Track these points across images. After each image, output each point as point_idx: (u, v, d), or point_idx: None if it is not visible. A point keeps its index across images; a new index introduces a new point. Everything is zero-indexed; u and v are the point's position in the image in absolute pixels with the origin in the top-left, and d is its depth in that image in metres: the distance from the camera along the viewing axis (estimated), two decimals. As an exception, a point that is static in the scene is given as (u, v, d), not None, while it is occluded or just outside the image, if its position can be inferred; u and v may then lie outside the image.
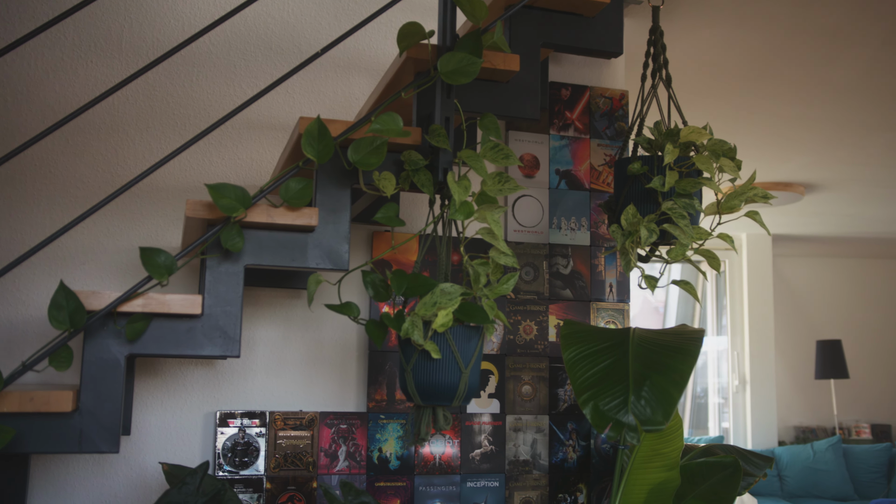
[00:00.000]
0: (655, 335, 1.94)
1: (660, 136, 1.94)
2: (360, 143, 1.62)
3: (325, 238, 1.71)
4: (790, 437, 8.04)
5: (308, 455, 2.21)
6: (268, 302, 2.24)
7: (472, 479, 2.33)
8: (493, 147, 1.68)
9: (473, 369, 1.70)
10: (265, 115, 2.29)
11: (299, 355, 2.25)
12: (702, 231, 1.89)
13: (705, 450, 2.33)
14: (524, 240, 2.46)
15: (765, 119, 4.00)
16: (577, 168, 2.54)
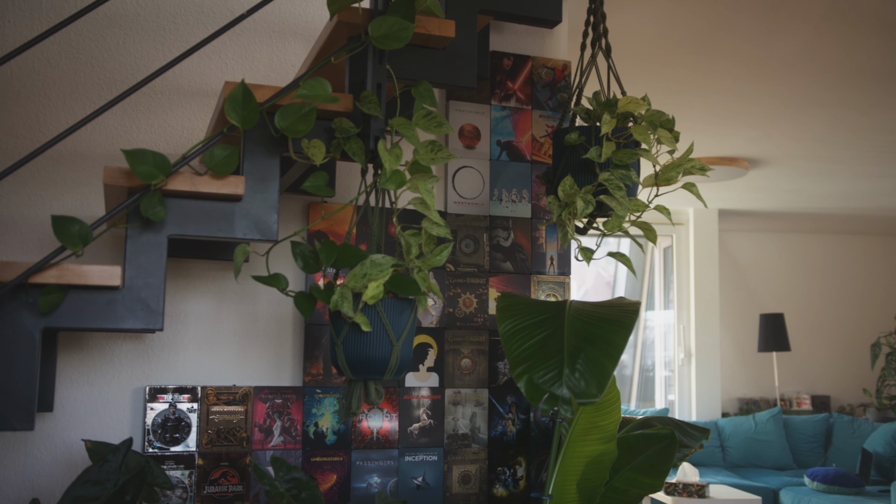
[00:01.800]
0: (592, 308, 1.93)
1: (598, 106, 1.92)
2: (288, 110, 1.57)
3: (253, 208, 1.65)
4: (734, 409, 8.20)
5: (242, 430, 2.17)
6: (200, 274, 2.18)
7: (410, 453, 2.31)
8: (426, 115, 1.64)
9: (406, 342, 1.67)
10: (196, 81, 2.21)
11: (233, 329, 2.20)
12: (639, 203, 1.87)
13: (642, 422, 2.33)
14: (464, 212, 2.43)
15: (708, 93, 4.02)
16: (518, 139, 2.51)
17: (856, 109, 4.21)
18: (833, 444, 6.73)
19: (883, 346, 7.31)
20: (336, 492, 2.23)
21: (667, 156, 2.23)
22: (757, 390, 8.31)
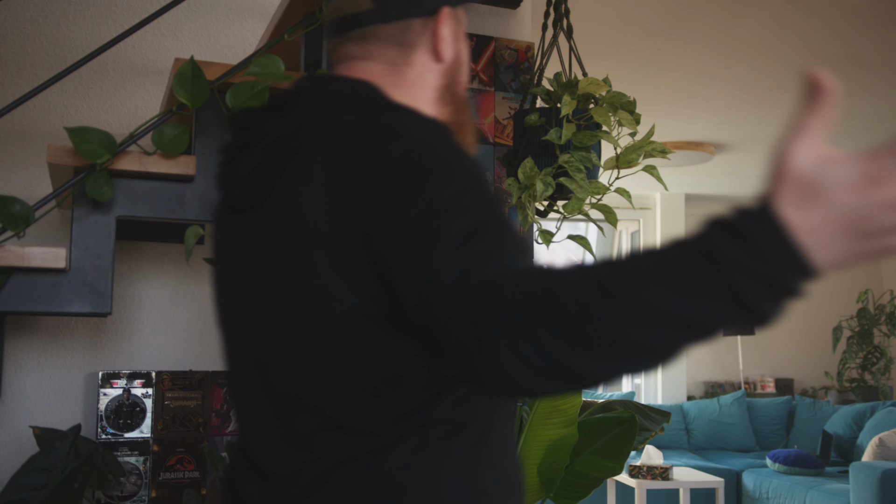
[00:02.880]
0: (551, 291, 1.91)
1: (559, 87, 1.90)
2: (240, 88, 1.53)
3: (205, 188, 1.62)
4: (699, 392, 8.29)
5: (198, 416, 2.13)
6: (156, 257, 2.14)
7: (370, 437, 2.29)
8: (382, 94, 1.61)
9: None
10: (150, 58, 2.16)
11: (190, 313, 2.16)
12: (599, 185, 1.86)
13: (603, 406, 2.33)
14: (426, 194, 2.40)
15: (674, 77, 4.02)
16: (481, 121, 2.48)
17: (819, 95, 4.24)
18: (795, 426, 6.83)
19: (844, 329, 7.41)
20: (295, 477, 2.21)
21: (628, 138, 2.22)
22: (722, 374, 8.40)
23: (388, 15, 0.99)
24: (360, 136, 0.88)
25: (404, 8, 0.99)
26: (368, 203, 0.83)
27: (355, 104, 0.94)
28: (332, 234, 0.85)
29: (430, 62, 1.03)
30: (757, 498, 5.73)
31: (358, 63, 1.01)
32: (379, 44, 1.00)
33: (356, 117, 0.91)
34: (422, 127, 0.90)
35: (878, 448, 4.78)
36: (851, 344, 7.35)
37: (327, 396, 0.89)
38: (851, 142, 5.25)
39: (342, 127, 0.91)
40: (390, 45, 1.00)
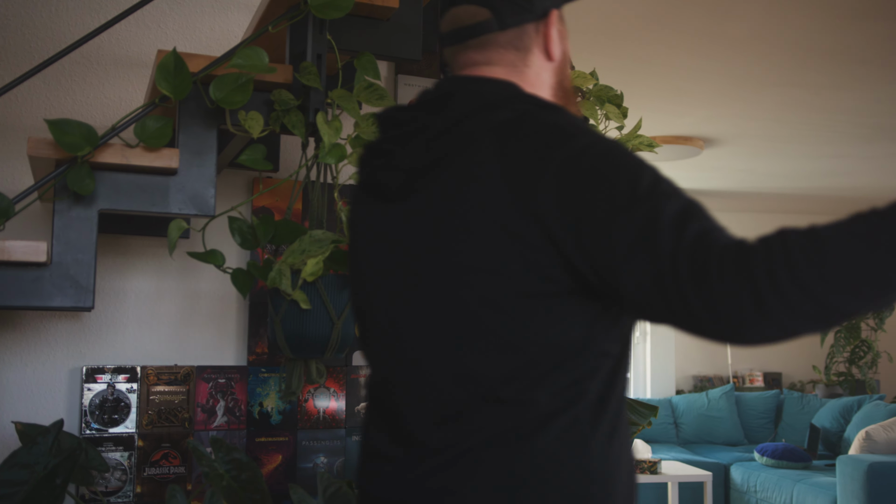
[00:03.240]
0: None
1: (545, 80, 1.89)
2: (224, 80, 1.51)
3: (189, 181, 1.60)
4: (688, 386, 8.31)
5: (184, 411, 2.12)
6: (139, 251, 2.12)
7: (357, 432, 2.28)
8: (367, 87, 1.60)
9: (347, 320, 1.63)
10: (135, 51, 2.14)
11: (174, 307, 2.14)
12: (585, 179, 1.85)
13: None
14: (413, 188, 2.39)
15: (662, 71, 4.01)
16: (468, 115, 2.47)
17: (807, 89, 4.23)
18: (783, 419, 6.85)
19: (832, 323, 7.45)
20: (282, 472, 2.20)
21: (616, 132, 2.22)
22: (711, 368, 8.42)
23: (504, 23, 1.09)
24: (531, 133, 0.98)
25: (518, 15, 1.09)
26: (560, 198, 0.93)
27: (509, 102, 1.03)
28: (513, 222, 0.95)
29: (544, 62, 1.13)
30: (745, 491, 5.75)
31: (482, 68, 1.10)
32: (499, 49, 1.10)
33: (514, 114, 1.01)
34: (581, 125, 1.00)
35: (864, 441, 4.81)
36: (839, 338, 7.38)
37: (494, 370, 0.98)
38: (840, 136, 5.26)
39: (505, 123, 1.00)
40: (509, 50, 1.10)
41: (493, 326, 0.98)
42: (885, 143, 5.41)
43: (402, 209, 1.07)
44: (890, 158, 5.87)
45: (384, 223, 1.10)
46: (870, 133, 5.13)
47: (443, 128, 1.03)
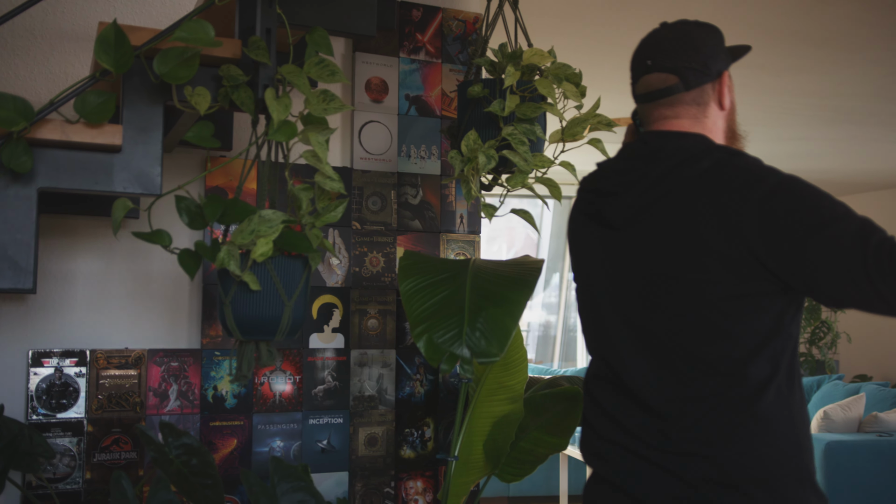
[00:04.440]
0: (495, 266, 1.88)
1: (503, 58, 1.86)
2: (168, 54, 1.46)
3: (134, 159, 1.55)
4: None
5: (135, 395, 2.07)
6: (88, 231, 2.06)
7: (314, 416, 2.25)
8: (318, 63, 1.55)
9: (298, 301, 1.60)
10: (82, 25, 2.07)
11: (125, 289, 2.09)
12: (543, 158, 1.83)
13: (550, 382, 2.32)
14: (371, 168, 2.35)
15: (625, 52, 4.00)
16: (427, 94, 2.43)
17: (769, 71, 4.25)
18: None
19: (794, 305, 7.53)
20: (237, 456, 2.16)
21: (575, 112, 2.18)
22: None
23: (689, 85, 1.46)
24: (731, 178, 1.34)
25: (699, 78, 1.46)
26: (762, 228, 1.29)
27: (707, 153, 1.39)
28: (725, 246, 1.32)
29: (718, 111, 1.50)
30: (707, 471, 5.82)
31: (671, 121, 1.48)
32: (684, 105, 1.47)
33: (712, 163, 1.37)
34: (762, 165, 1.37)
35: (822, 421, 4.87)
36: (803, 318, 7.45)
37: (714, 353, 1.34)
38: (803, 119, 5.29)
39: (708, 170, 1.37)
40: (692, 105, 1.47)
41: (714, 320, 1.34)
42: (847, 126, 5.46)
43: (627, 235, 1.44)
44: (852, 141, 5.93)
45: (611, 245, 1.47)
46: (832, 116, 5.17)
47: (660, 175, 1.40)
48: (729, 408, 1.33)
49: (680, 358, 1.37)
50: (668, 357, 1.38)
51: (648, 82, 1.49)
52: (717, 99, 1.49)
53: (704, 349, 1.35)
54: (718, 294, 1.34)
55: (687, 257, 1.36)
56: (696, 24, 1.52)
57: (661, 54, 1.48)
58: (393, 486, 2.31)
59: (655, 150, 1.43)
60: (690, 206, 1.36)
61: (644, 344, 1.41)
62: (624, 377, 1.43)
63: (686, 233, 1.36)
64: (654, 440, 1.37)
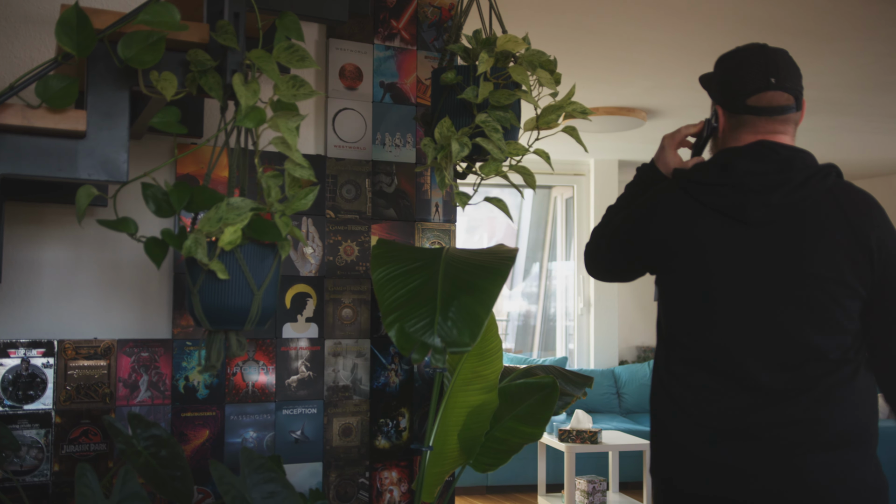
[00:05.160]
0: (468, 255, 1.87)
1: (476, 44, 1.83)
2: (133, 38, 1.43)
3: (99, 145, 1.52)
4: (633, 357, 8.41)
5: (104, 386, 2.04)
6: (55, 220, 2.02)
7: (288, 406, 2.23)
8: (287, 48, 1.53)
9: (268, 290, 1.57)
10: (47, 8, 2.03)
11: (93, 278, 2.06)
12: (517, 146, 1.81)
13: (525, 371, 2.31)
14: (345, 156, 2.32)
15: (605, 40, 3.99)
16: (402, 81, 2.41)
17: (747, 61, 4.26)
18: (722, 388, 6.98)
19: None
20: (209, 448, 2.14)
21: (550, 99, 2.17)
22: (654, 338, 8.53)
23: (798, 107, 1.75)
24: (855, 196, 1.69)
25: (800, 102, 1.75)
26: (880, 242, 1.64)
27: (827, 170, 1.70)
28: (853, 251, 1.63)
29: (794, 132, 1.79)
30: (684, 459, 5.86)
31: (780, 136, 1.74)
32: (790, 123, 1.75)
33: (835, 179, 1.70)
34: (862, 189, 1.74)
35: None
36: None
37: (830, 343, 1.63)
38: (779, 109, 5.31)
39: (834, 186, 1.68)
40: (793, 124, 1.77)
41: (835, 315, 1.63)
42: (825, 117, 5.48)
43: (762, 231, 1.65)
44: (831, 132, 5.96)
45: (743, 239, 1.67)
46: (809, 105, 5.19)
47: (798, 184, 1.65)
48: (836, 385, 1.63)
49: (798, 345, 1.63)
50: (787, 345, 1.63)
51: (773, 98, 1.72)
52: (799, 121, 1.79)
53: (824, 340, 1.62)
54: (845, 293, 1.62)
55: (824, 257, 1.62)
56: (789, 54, 1.79)
57: (781, 75, 1.71)
58: (367, 476, 2.30)
59: (789, 160, 1.68)
60: (825, 214, 1.64)
61: (765, 332, 1.64)
62: (743, 363, 1.65)
63: (823, 236, 1.63)
64: (776, 429, 1.62)
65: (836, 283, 1.62)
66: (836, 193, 1.66)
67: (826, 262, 1.62)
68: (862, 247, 1.62)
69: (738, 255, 1.66)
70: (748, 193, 1.65)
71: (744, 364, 1.64)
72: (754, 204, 1.65)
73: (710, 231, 1.68)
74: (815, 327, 1.62)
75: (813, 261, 1.62)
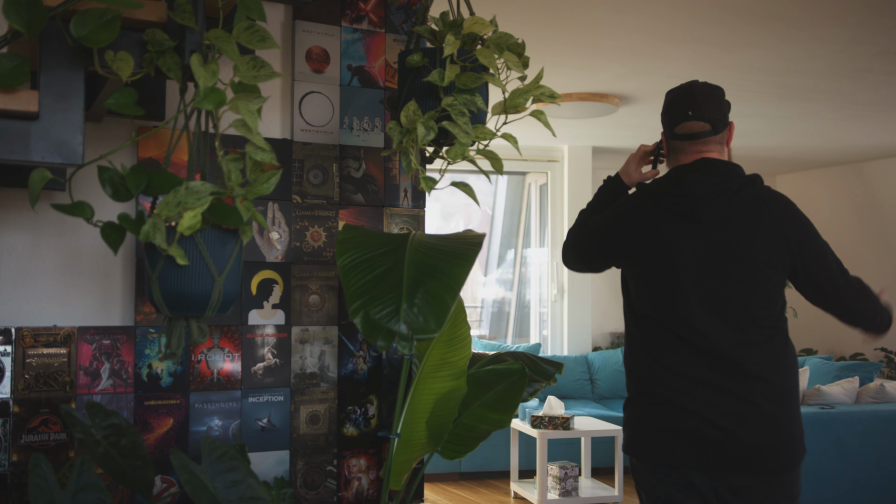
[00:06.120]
0: (435, 240, 1.84)
1: (443, 26, 1.81)
2: (87, 16, 1.39)
3: (52, 127, 1.48)
4: (606, 343, 8.44)
5: (65, 374, 2.00)
6: (12, 204, 1.97)
7: (254, 394, 2.20)
8: (247, 28, 1.49)
9: (230, 276, 1.54)
10: (3, -13, 1.97)
11: (53, 265, 2.01)
12: (484, 130, 1.79)
13: (494, 358, 2.30)
14: (312, 140, 2.29)
15: (578, 26, 3.97)
16: (371, 64, 2.37)
17: (718, 47, 4.25)
18: (694, 374, 7.03)
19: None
20: (173, 436, 2.11)
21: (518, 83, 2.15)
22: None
23: (717, 131, 2.15)
24: (779, 200, 2.12)
25: (722, 125, 2.16)
26: (798, 240, 2.07)
27: (754, 178, 2.12)
28: (779, 243, 2.06)
29: (726, 147, 2.19)
30: (656, 444, 5.89)
31: (704, 154, 2.15)
32: (713, 144, 2.16)
33: (761, 186, 2.12)
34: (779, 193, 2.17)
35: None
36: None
37: (765, 312, 2.06)
38: (752, 95, 5.32)
39: (763, 191, 2.11)
40: (719, 144, 2.17)
41: (769, 290, 2.07)
42: (796, 103, 5.51)
43: (711, 228, 2.07)
44: (800, 118, 5.99)
45: (697, 235, 2.08)
46: (781, 92, 5.21)
47: (735, 191, 2.08)
48: (776, 344, 2.07)
49: (742, 316, 2.04)
50: (733, 316, 2.04)
51: (691, 127, 2.14)
52: (728, 139, 2.20)
53: (761, 310, 2.05)
54: (772, 272, 2.06)
55: (756, 245, 2.05)
56: (717, 87, 2.18)
57: (699, 107, 2.13)
58: (336, 464, 2.28)
59: (728, 172, 2.10)
60: (755, 213, 2.07)
61: (716, 306, 2.05)
62: (695, 332, 2.04)
63: (755, 230, 2.06)
64: (723, 375, 2.03)
65: (765, 265, 2.05)
66: (762, 197, 2.10)
67: (758, 249, 2.05)
68: (782, 236, 2.06)
69: (694, 246, 2.07)
70: (699, 200, 2.07)
71: (700, 328, 2.04)
72: (703, 208, 2.07)
73: (671, 230, 2.09)
74: (753, 299, 2.05)
75: (749, 248, 2.05)
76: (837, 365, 5.91)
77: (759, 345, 2.04)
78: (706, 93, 2.15)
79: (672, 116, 2.17)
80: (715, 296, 2.05)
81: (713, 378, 2.01)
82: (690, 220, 2.07)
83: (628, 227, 2.14)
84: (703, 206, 2.06)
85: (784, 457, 2.01)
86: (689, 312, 2.05)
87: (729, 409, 2.00)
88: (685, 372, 2.03)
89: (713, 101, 2.14)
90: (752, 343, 2.03)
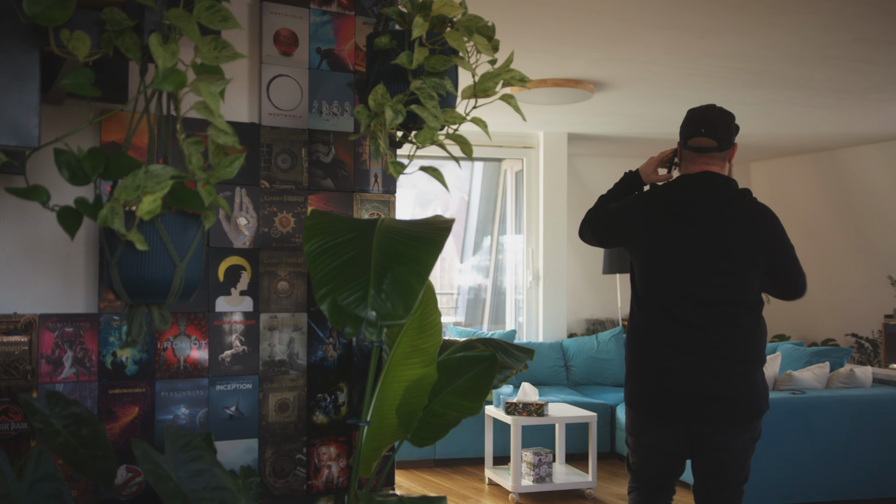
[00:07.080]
0: (404, 226, 1.82)
1: (412, 8, 1.77)
2: (41, -6, 1.34)
3: (7, 109, 1.44)
4: (581, 329, 8.47)
5: (26, 363, 1.96)
6: (-30, 189, 1.92)
7: (221, 382, 2.17)
8: (208, 7, 1.45)
9: (192, 262, 1.51)
10: (-42, -35, 1.91)
11: (12, 251, 1.96)
12: (454, 114, 1.76)
13: (465, 345, 2.28)
14: (280, 124, 2.25)
15: (552, 11, 3.94)
16: (340, 47, 2.34)
17: (692, 33, 4.24)
18: (668, 360, 7.06)
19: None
20: (139, 425, 2.07)
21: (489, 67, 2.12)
22: (603, 311, 8.60)
23: (723, 148, 2.67)
24: (765, 212, 2.67)
25: (727, 144, 2.67)
26: (773, 242, 2.64)
27: (746, 192, 2.68)
28: (763, 245, 2.63)
29: (727, 164, 2.70)
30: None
31: (711, 166, 2.68)
32: (717, 159, 2.68)
33: (751, 199, 2.68)
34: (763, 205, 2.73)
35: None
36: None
37: (747, 298, 2.63)
38: (726, 82, 5.32)
39: (751, 203, 2.67)
40: (721, 160, 2.69)
41: (751, 282, 2.61)
42: (768, 90, 5.52)
43: (705, 231, 2.61)
44: (774, 105, 6.01)
45: (693, 236, 2.62)
46: (754, 79, 5.22)
47: (727, 202, 2.62)
48: (751, 321, 2.63)
49: (724, 303, 2.60)
50: (716, 303, 2.60)
51: (700, 142, 2.66)
52: (731, 156, 2.72)
53: (742, 297, 2.61)
54: (752, 268, 2.60)
55: (741, 246, 2.60)
56: (730, 113, 2.71)
57: (709, 127, 2.65)
58: (305, 451, 2.25)
59: (723, 186, 2.64)
60: (741, 221, 2.61)
61: (702, 296, 2.60)
62: (682, 314, 2.61)
63: (741, 234, 2.60)
64: (705, 350, 2.59)
65: (747, 262, 2.61)
66: (748, 208, 2.65)
67: (742, 249, 2.60)
68: (762, 240, 2.62)
69: (690, 244, 2.63)
70: (696, 207, 2.63)
71: (690, 310, 2.61)
72: (700, 214, 2.62)
73: (673, 229, 2.65)
74: (734, 287, 2.61)
75: (736, 248, 2.60)
76: (809, 350, 5.97)
77: (739, 323, 2.60)
78: (719, 116, 2.67)
79: (688, 130, 2.69)
80: (705, 284, 2.60)
81: (698, 349, 2.59)
82: (689, 223, 2.62)
83: (637, 222, 2.70)
84: (699, 213, 2.62)
85: (753, 409, 2.63)
86: (681, 296, 2.62)
87: (708, 371, 2.58)
88: (676, 343, 2.60)
89: (723, 124, 2.65)
90: (732, 322, 2.59)
